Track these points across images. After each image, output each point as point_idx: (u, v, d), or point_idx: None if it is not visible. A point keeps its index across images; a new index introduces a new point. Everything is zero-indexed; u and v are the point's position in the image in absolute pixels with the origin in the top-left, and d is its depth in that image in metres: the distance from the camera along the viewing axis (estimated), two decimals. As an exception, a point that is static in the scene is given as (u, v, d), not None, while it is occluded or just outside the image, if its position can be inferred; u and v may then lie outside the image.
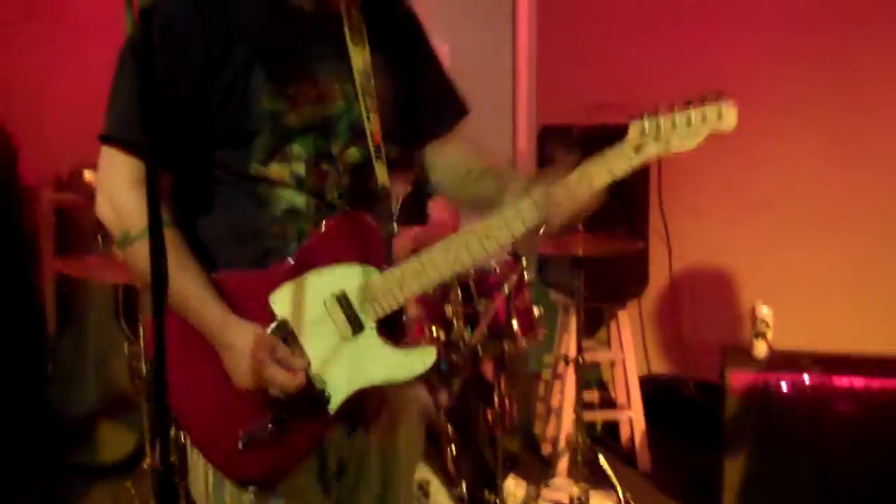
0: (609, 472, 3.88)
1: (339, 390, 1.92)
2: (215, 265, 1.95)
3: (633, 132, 1.91)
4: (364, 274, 1.92)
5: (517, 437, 4.65)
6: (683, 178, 4.95)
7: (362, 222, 1.93)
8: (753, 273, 4.94)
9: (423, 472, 3.14)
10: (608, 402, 4.94)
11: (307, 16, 1.97)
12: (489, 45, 5.18)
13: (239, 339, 1.86)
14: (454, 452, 3.35)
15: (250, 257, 1.94)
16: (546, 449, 4.76)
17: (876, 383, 4.07)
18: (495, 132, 5.16)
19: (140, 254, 1.74)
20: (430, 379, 3.67)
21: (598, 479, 3.93)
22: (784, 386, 4.14)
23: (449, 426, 3.41)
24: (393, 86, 2.07)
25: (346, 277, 1.91)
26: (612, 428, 4.93)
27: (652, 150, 1.91)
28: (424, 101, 2.18)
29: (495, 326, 3.40)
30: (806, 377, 4.14)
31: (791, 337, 4.40)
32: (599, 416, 4.91)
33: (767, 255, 4.96)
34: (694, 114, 1.91)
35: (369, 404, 2.05)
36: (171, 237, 1.78)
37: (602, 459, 3.90)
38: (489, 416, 3.54)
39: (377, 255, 1.93)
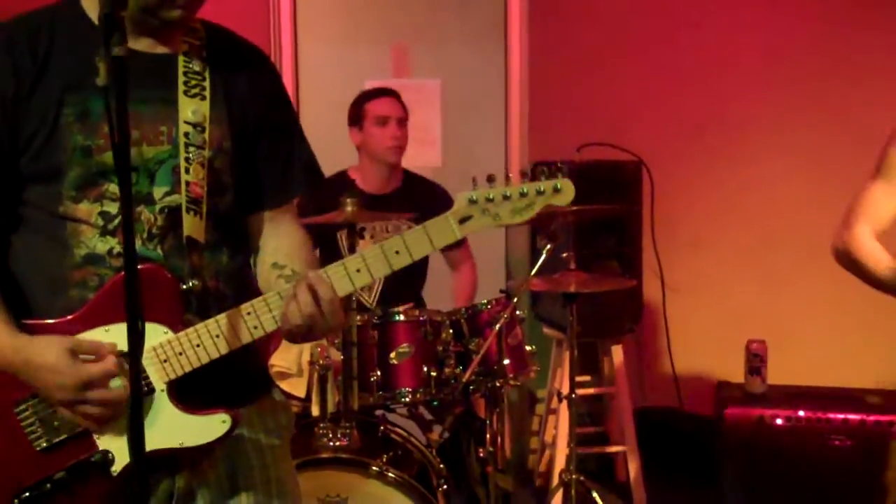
0: (603, 507, 3.86)
1: (122, 452, 1.81)
2: (31, 314, 1.89)
3: (459, 202, 1.84)
4: (154, 333, 1.81)
5: (510, 474, 4.63)
6: (677, 214, 4.97)
7: (158, 276, 1.84)
8: (748, 307, 4.94)
9: (415, 511, 3.12)
10: (602, 437, 4.92)
11: (141, 57, 1.90)
12: (481, 80, 5.21)
13: (40, 354, 1.79)
14: (446, 490, 3.33)
15: (58, 306, 1.87)
16: (540, 484, 4.74)
17: (871, 418, 4.07)
18: (487, 168, 5.16)
19: None
20: (422, 416, 3.68)
21: (592, 515, 3.91)
22: (779, 421, 4.14)
23: (441, 464, 3.39)
24: (233, 143, 1.99)
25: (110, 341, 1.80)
26: (606, 462, 4.91)
27: (480, 223, 1.84)
28: (264, 168, 2.07)
29: (487, 364, 3.39)
30: (801, 412, 4.14)
31: (786, 372, 4.40)
32: (593, 451, 4.89)
33: (763, 289, 4.97)
34: (528, 186, 1.83)
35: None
36: None
37: (596, 495, 3.87)
38: (481, 453, 3.52)
39: (172, 313, 1.85)
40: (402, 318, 3.35)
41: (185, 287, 1.87)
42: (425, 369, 3.30)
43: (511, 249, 5.19)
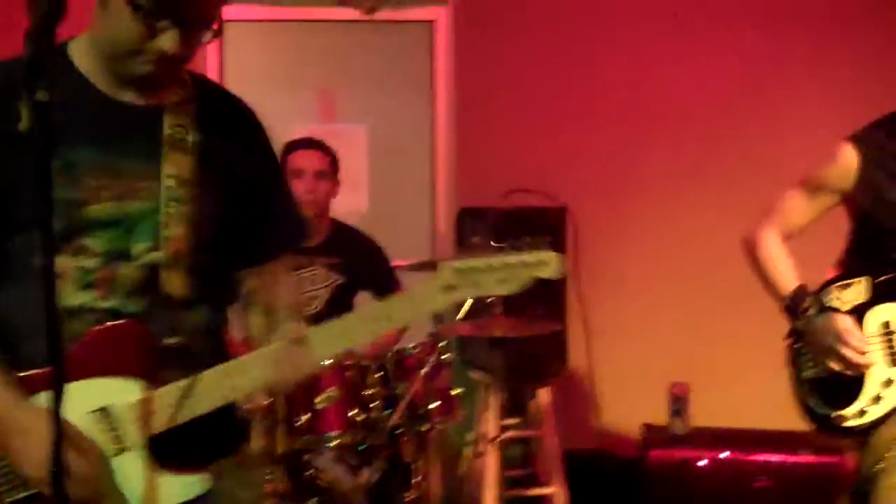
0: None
1: None
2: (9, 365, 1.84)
3: (442, 273, 1.84)
4: (131, 389, 1.81)
5: (439, 518, 4.62)
6: (603, 257, 5.03)
7: (135, 333, 1.84)
8: (671, 350, 4.99)
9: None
10: (531, 479, 4.92)
11: (126, 109, 1.89)
12: (408, 126, 5.26)
13: (37, 423, 1.71)
14: (374, 535, 3.33)
15: (35, 358, 1.78)
16: (469, 528, 4.73)
17: (792, 459, 4.14)
18: (414, 213, 5.21)
19: None
20: (349, 460, 3.66)
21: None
22: (702, 462, 4.19)
23: (369, 508, 3.39)
24: (217, 198, 1.97)
25: (109, 392, 1.80)
26: (535, 505, 4.91)
27: (464, 293, 1.84)
28: (251, 223, 2.06)
29: (414, 407, 3.40)
30: (724, 454, 4.19)
31: (709, 414, 4.45)
32: (523, 493, 4.88)
33: (686, 332, 5.04)
34: (513, 258, 1.84)
35: None
36: None
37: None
38: (409, 497, 3.51)
39: (149, 370, 1.83)
40: (328, 362, 3.34)
41: (163, 344, 1.86)
42: (352, 413, 3.30)
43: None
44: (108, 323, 1.83)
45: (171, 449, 1.84)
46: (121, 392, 1.74)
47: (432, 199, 5.26)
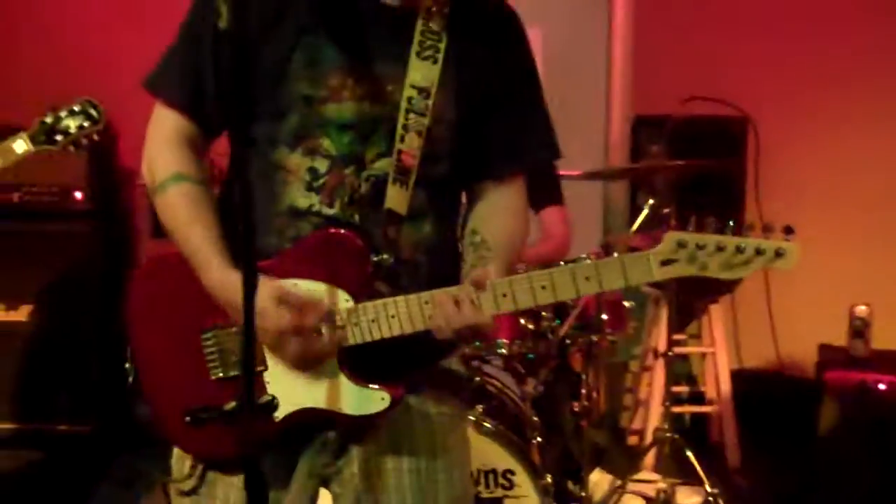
0: (696, 466, 3.81)
1: (287, 401, 1.85)
2: None
3: (666, 243, 1.71)
4: (337, 298, 1.81)
5: (604, 430, 4.62)
6: (782, 173, 4.86)
7: (350, 244, 1.83)
8: (852, 271, 4.83)
9: (508, 462, 3.13)
10: (698, 397, 4.87)
11: (379, 9, 1.87)
12: (584, 31, 5.13)
13: (264, 304, 1.76)
14: (540, 443, 3.33)
15: (262, 250, 1.83)
16: (633, 441, 4.72)
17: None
18: (587, 121, 5.10)
19: (162, 205, 1.90)
20: (517, 368, 3.67)
21: (685, 474, 3.88)
22: (882, 386, 4.06)
23: (535, 416, 3.39)
24: (458, 112, 1.92)
25: (318, 296, 1.81)
26: (701, 422, 4.86)
27: (683, 269, 1.72)
28: (494, 137, 1.98)
29: (584, 318, 3.37)
30: (905, 378, 4.06)
31: (891, 337, 4.30)
32: (688, 410, 4.84)
33: (869, 252, 4.88)
34: (748, 242, 1.70)
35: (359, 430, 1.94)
36: (189, 192, 1.87)
37: (690, 454, 3.83)
38: (576, 408, 3.51)
39: (357, 282, 1.82)
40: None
41: (375, 259, 1.85)
42: (522, 322, 3.28)
43: (609, 203, 5.13)
44: (329, 229, 1.84)
45: (363, 360, 1.84)
46: (330, 299, 1.77)
47: (607, 105, 5.14)
